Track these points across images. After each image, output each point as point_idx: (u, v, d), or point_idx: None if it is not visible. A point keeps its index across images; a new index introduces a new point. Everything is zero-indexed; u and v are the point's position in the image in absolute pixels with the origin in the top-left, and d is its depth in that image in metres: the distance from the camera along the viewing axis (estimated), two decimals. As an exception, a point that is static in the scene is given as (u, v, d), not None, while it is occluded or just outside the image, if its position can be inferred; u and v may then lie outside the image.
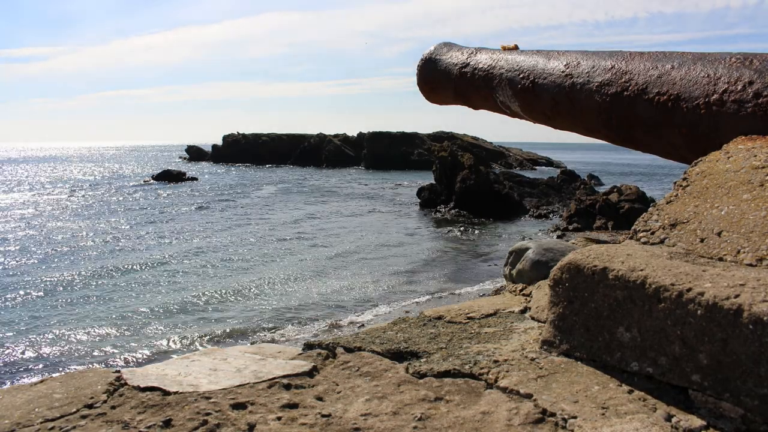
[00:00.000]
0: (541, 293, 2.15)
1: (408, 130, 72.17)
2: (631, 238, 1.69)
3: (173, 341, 11.35)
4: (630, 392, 1.35)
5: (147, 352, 10.77)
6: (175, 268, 17.76)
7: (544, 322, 1.71)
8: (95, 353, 10.82)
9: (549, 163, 72.56)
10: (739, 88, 1.86)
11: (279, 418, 1.35)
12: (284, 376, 1.58)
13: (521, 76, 2.66)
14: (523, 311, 2.18)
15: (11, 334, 11.83)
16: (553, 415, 1.29)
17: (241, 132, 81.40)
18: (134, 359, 10.40)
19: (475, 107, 3.24)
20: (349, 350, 1.77)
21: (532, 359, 1.60)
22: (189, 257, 19.27)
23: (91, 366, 9.94)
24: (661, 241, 1.60)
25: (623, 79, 2.21)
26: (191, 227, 25.70)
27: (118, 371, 1.62)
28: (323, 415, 1.36)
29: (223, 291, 14.96)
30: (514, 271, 2.76)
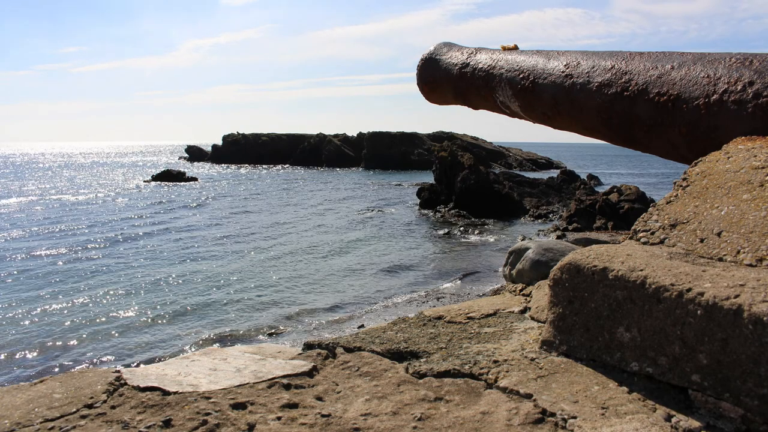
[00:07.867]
0: (540, 293, 2.16)
1: (408, 130, 72.23)
2: (631, 238, 1.69)
3: (173, 341, 11.34)
4: (630, 392, 1.35)
5: (147, 352, 10.76)
6: (175, 267, 17.76)
7: (544, 322, 1.71)
8: (95, 353, 10.82)
9: (549, 163, 72.51)
10: (739, 88, 1.86)
11: (279, 418, 1.35)
12: (284, 376, 1.58)
13: (521, 76, 2.66)
14: (523, 311, 2.18)
15: (11, 333, 11.83)
16: (552, 415, 1.29)
17: (241, 132, 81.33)
18: (134, 359, 10.39)
19: (475, 107, 3.23)
20: (348, 350, 1.77)
21: (532, 359, 1.60)
22: (189, 257, 19.28)
23: (91, 366, 9.94)
24: (661, 242, 1.60)
25: (623, 79, 2.21)
26: (190, 227, 25.70)
27: (118, 371, 1.62)
28: (323, 415, 1.36)
29: (223, 291, 14.97)
30: (513, 271, 2.75)
